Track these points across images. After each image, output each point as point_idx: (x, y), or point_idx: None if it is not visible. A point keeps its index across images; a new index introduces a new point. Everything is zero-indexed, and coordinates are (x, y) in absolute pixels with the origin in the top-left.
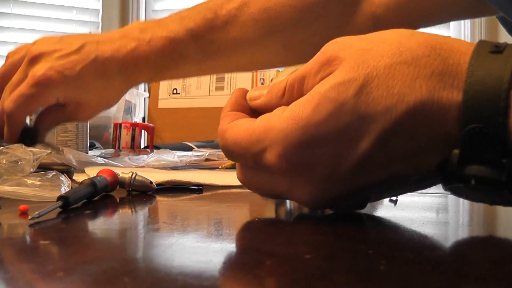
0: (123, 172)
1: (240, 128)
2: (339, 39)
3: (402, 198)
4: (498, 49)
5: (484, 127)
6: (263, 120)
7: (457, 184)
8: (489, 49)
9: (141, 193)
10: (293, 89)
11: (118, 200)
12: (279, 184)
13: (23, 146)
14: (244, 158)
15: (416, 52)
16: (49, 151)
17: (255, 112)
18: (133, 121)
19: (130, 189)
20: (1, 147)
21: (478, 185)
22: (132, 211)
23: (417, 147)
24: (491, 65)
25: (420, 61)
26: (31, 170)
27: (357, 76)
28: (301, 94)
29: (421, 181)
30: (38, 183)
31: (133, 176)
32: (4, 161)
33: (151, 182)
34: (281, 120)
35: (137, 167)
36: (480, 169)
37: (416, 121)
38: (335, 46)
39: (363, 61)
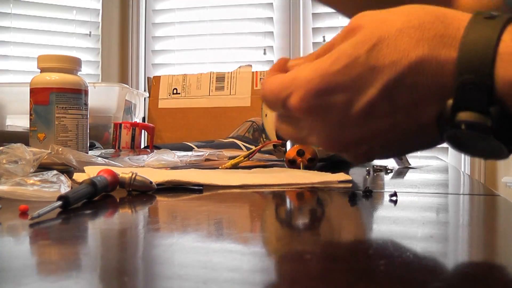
0: (123, 172)
1: (275, 79)
2: (365, 12)
3: (402, 198)
4: (492, 15)
5: (474, 78)
6: (293, 71)
7: (450, 130)
8: (484, 16)
9: (141, 193)
10: (324, 53)
11: (118, 200)
12: (302, 128)
13: (23, 146)
14: (275, 104)
15: (423, 19)
16: (49, 151)
17: None
18: (133, 121)
19: (130, 189)
20: (1, 147)
21: (468, 130)
22: (132, 211)
23: (417, 98)
24: (483, 28)
25: (425, 26)
26: (31, 170)
27: (371, 37)
28: None
29: (420, 134)
30: (38, 183)
31: (133, 176)
32: (4, 161)
33: (151, 182)
34: (306, 70)
35: (137, 167)
36: (470, 115)
37: (417, 74)
38: (359, 18)
39: (378, 26)
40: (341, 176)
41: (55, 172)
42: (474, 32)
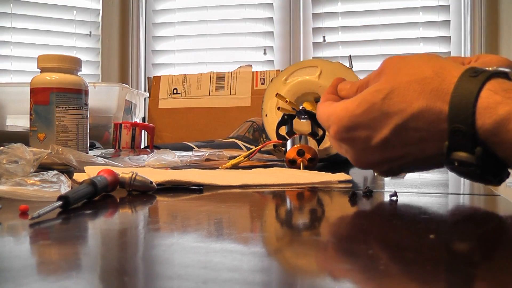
0: (123, 172)
1: (323, 109)
2: (393, 57)
3: (402, 198)
4: (476, 74)
5: (460, 127)
6: (333, 106)
7: (448, 166)
8: (469, 74)
9: (141, 193)
10: (362, 89)
11: (118, 200)
12: (340, 148)
13: (23, 146)
14: (326, 128)
15: (425, 74)
16: (49, 151)
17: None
18: (133, 121)
19: (131, 189)
20: (1, 148)
21: (460, 166)
22: (132, 211)
23: (420, 137)
24: (468, 85)
25: (426, 81)
26: (32, 170)
27: (386, 87)
28: None
29: (428, 162)
30: (38, 183)
31: (133, 176)
32: (4, 161)
33: (151, 182)
34: (339, 109)
35: (137, 167)
36: (461, 155)
37: (418, 121)
38: (386, 63)
39: (393, 77)
40: (341, 176)
41: (55, 172)
42: (460, 89)
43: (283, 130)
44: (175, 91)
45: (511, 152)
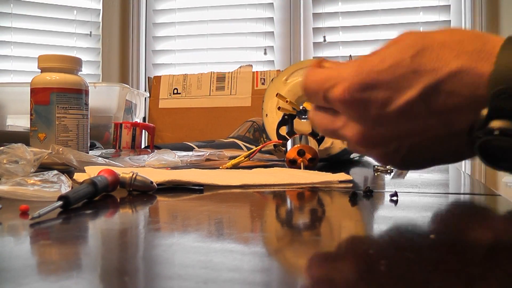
0: (124, 172)
1: (320, 71)
2: (409, 30)
3: (402, 198)
4: None
5: (507, 88)
6: (340, 66)
7: (484, 138)
8: None
9: (141, 193)
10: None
11: (118, 200)
12: (338, 121)
13: (24, 146)
14: (317, 93)
15: (464, 36)
16: (49, 151)
17: None
18: (133, 121)
19: (131, 189)
20: (2, 148)
21: (501, 136)
22: (132, 211)
23: (452, 105)
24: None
25: (465, 41)
26: (32, 170)
27: (416, 44)
28: None
29: (449, 143)
30: (39, 183)
31: (134, 176)
32: (4, 161)
33: (151, 182)
34: (353, 65)
35: (137, 167)
36: (503, 122)
37: (455, 82)
38: (404, 34)
39: (423, 38)
40: (341, 176)
41: (55, 172)
42: (508, 50)
43: (283, 130)
44: (175, 91)
45: None
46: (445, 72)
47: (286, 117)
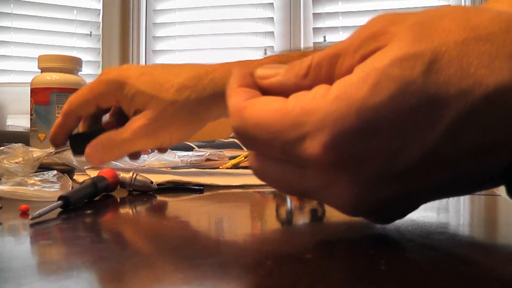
0: (124, 172)
1: (268, 107)
2: (386, 13)
3: None
4: None
5: None
6: (300, 99)
7: None
8: None
9: (141, 193)
10: (321, 68)
11: (118, 200)
12: (311, 180)
13: (24, 146)
14: (269, 146)
15: (492, 28)
16: (50, 151)
17: (265, 93)
18: None
19: (131, 189)
20: (2, 148)
21: None
22: (132, 211)
23: (491, 141)
24: None
25: (498, 38)
26: (32, 170)
27: (423, 50)
28: (330, 75)
29: (481, 187)
30: (39, 183)
31: (134, 176)
32: (4, 161)
33: (151, 182)
34: (328, 101)
35: (138, 167)
36: None
37: (495, 109)
38: (382, 20)
39: (424, 35)
40: None
41: (55, 172)
42: None
43: None
44: None
45: None
46: (480, 94)
47: None
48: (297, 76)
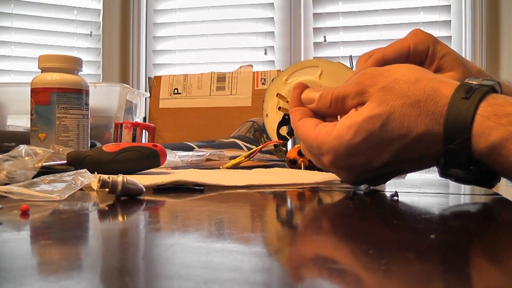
0: (112, 176)
1: (306, 131)
2: (372, 72)
3: (403, 198)
4: (467, 95)
5: (456, 148)
6: (322, 130)
7: (446, 177)
8: (461, 95)
9: (130, 198)
10: (337, 104)
11: (118, 200)
12: (329, 170)
13: (25, 148)
14: (309, 151)
15: (418, 97)
16: (51, 150)
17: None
18: (134, 121)
19: (120, 194)
20: (3, 155)
21: (457, 181)
22: (133, 211)
23: (418, 157)
24: (460, 109)
25: (420, 104)
26: (34, 172)
27: (381, 113)
28: (343, 107)
29: (424, 167)
30: (47, 185)
31: (125, 180)
32: (4, 172)
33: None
34: (332, 138)
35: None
36: (457, 172)
37: (417, 144)
38: (367, 80)
39: (385, 100)
40: None
41: (82, 171)
42: (453, 112)
43: (284, 130)
44: (176, 91)
45: (505, 171)
46: (410, 138)
47: (286, 117)
48: (325, 107)
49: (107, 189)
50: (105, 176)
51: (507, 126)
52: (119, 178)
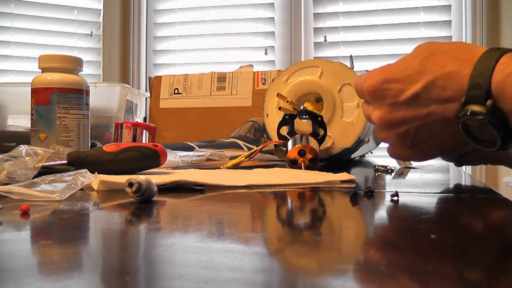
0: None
1: (359, 77)
2: (426, 42)
3: (403, 198)
4: (498, 48)
5: (480, 80)
6: (372, 70)
7: (462, 118)
8: (494, 48)
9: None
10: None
11: (118, 200)
12: (369, 109)
13: (26, 148)
14: (360, 89)
15: (460, 47)
16: (52, 150)
17: None
18: (134, 121)
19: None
20: (3, 155)
21: (471, 116)
22: (133, 211)
23: (445, 96)
24: (491, 54)
25: (460, 51)
26: (35, 172)
27: (426, 50)
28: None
29: (446, 127)
30: (47, 185)
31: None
32: (5, 172)
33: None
34: (379, 68)
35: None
36: (473, 106)
37: (447, 80)
38: (421, 44)
39: (432, 47)
40: (344, 176)
41: (82, 171)
42: (483, 58)
43: (284, 130)
44: (176, 91)
45: None
46: (442, 72)
47: (287, 117)
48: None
49: (130, 190)
50: (133, 177)
51: None
52: (142, 179)
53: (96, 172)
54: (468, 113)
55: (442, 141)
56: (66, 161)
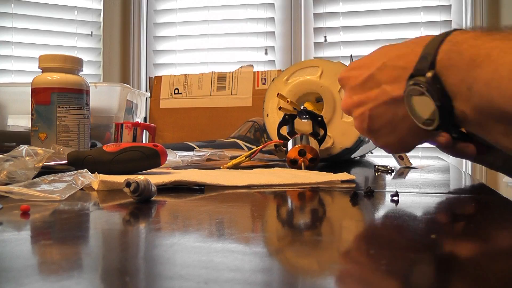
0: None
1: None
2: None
3: (403, 198)
4: (449, 31)
5: (427, 52)
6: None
7: (407, 88)
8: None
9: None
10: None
11: (118, 200)
12: (346, 95)
13: (26, 148)
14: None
15: (414, 39)
16: (52, 150)
17: None
18: (134, 121)
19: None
20: (3, 155)
21: (413, 85)
22: (133, 211)
23: (395, 75)
24: (438, 37)
25: (416, 39)
26: (35, 172)
27: (384, 47)
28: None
29: (395, 106)
30: (48, 185)
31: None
32: (5, 172)
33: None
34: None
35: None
36: (418, 78)
37: (399, 59)
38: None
39: (390, 45)
40: (344, 176)
41: (82, 171)
42: (437, 36)
43: (284, 130)
44: (176, 91)
45: (458, 78)
46: (395, 54)
47: (287, 117)
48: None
49: (128, 190)
50: (131, 177)
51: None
52: (141, 179)
53: (96, 172)
54: (411, 82)
55: (396, 126)
56: (66, 161)
